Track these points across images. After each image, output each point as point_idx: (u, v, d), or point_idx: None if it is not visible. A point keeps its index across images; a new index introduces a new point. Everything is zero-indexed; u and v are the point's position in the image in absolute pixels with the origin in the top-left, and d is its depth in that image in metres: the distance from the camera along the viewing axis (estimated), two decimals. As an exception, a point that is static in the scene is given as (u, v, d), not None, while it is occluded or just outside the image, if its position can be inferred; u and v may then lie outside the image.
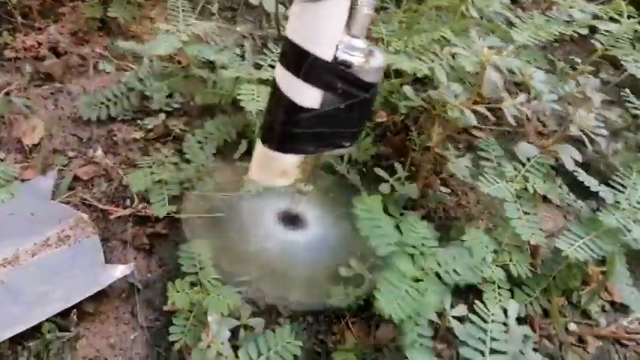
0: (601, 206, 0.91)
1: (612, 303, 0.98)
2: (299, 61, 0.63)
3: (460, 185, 1.16)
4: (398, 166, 1.04)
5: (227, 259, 0.93)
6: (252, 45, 1.31)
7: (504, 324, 0.69)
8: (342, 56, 0.63)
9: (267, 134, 0.71)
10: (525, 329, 0.72)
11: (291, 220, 1.00)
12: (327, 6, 0.60)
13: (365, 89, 0.65)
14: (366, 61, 0.64)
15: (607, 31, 1.08)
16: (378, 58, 0.65)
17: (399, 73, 1.07)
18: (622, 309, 0.96)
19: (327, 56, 0.62)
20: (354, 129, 0.71)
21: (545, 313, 0.93)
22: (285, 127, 0.68)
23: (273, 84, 0.68)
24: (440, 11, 1.20)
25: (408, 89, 0.97)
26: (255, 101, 0.89)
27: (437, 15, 1.19)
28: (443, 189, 1.13)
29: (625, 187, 0.93)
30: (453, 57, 0.91)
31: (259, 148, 0.73)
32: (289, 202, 0.95)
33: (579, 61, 1.30)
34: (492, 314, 0.69)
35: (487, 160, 0.97)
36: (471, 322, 0.68)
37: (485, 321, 0.69)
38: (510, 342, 0.67)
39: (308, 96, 0.64)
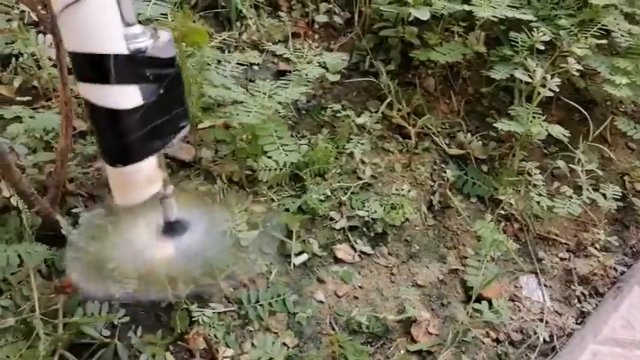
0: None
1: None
2: (101, 67, 0.60)
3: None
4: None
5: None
6: None
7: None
8: (133, 46, 0.62)
9: (113, 155, 0.68)
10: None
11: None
12: (93, 1, 0.58)
13: (170, 65, 0.66)
14: (155, 40, 0.63)
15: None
16: (164, 33, 0.66)
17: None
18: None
19: (125, 50, 0.61)
20: (183, 106, 0.71)
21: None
22: (125, 138, 0.65)
23: (87, 107, 0.64)
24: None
25: None
26: None
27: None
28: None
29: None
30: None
31: (113, 172, 0.70)
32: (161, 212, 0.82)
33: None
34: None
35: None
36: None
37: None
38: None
39: (128, 97, 0.63)
